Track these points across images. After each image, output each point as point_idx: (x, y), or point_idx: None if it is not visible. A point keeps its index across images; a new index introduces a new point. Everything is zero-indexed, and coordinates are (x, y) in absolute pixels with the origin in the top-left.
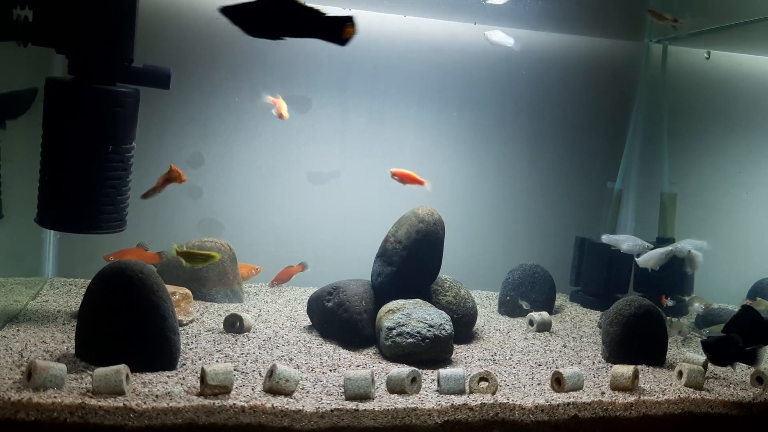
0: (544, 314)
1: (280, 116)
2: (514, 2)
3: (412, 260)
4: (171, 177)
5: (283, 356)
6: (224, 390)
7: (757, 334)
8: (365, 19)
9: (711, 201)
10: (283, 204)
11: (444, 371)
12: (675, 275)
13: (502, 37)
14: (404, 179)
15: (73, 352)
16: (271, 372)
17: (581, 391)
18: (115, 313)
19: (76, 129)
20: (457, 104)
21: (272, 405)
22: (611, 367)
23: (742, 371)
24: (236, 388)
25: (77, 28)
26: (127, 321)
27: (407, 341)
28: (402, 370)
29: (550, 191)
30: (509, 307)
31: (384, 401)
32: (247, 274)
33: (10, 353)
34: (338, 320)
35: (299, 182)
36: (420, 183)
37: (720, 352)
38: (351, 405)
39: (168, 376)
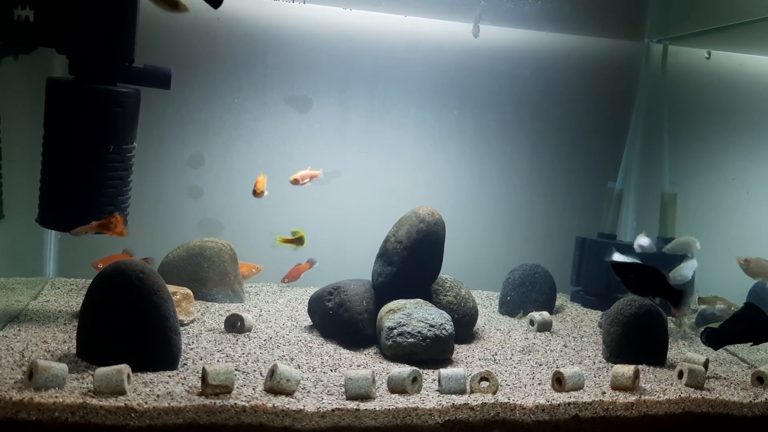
0: (545, 314)
1: (254, 192)
2: (514, 2)
3: (413, 260)
4: (108, 225)
5: (284, 356)
6: (225, 390)
7: (759, 330)
8: (365, 19)
9: (711, 201)
10: (284, 204)
11: (445, 371)
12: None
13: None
14: (299, 181)
15: (75, 351)
16: (272, 372)
17: (582, 390)
18: (116, 313)
19: (77, 129)
20: (457, 104)
21: (273, 405)
22: (612, 366)
23: (742, 371)
24: (237, 387)
25: (78, 28)
26: (128, 321)
27: (408, 341)
28: (403, 369)
29: (551, 191)
30: (510, 307)
31: (385, 401)
32: (248, 273)
33: (11, 353)
34: (339, 320)
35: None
36: (314, 176)
37: (640, 283)
38: (352, 405)
39: (169, 376)
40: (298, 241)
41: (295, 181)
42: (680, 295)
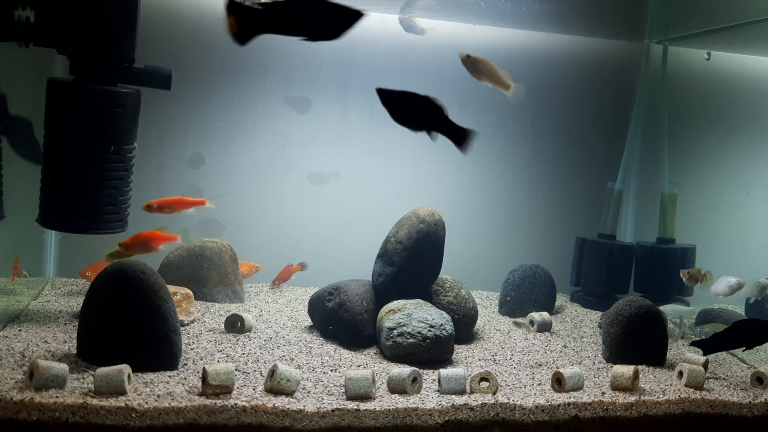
0: (545, 314)
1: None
2: (514, 3)
3: (413, 261)
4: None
5: (284, 356)
6: (226, 390)
7: (751, 335)
8: (366, 19)
9: (711, 201)
10: (284, 204)
11: (445, 371)
12: (674, 276)
13: (414, 25)
14: (170, 206)
15: (75, 352)
16: (273, 372)
17: (582, 391)
18: (116, 313)
19: (78, 129)
20: (457, 104)
21: (273, 405)
22: (611, 367)
23: (742, 371)
24: (237, 388)
25: (78, 28)
26: (128, 321)
27: (408, 341)
28: (403, 370)
29: (551, 191)
30: (510, 308)
31: (385, 401)
32: (248, 272)
33: (11, 353)
34: (339, 320)
35: (300, 182)
36: (199, 204)
37: None
38: (352, 405)
39: (169, 376)
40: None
41: (149, 208)
42: (464, 134)
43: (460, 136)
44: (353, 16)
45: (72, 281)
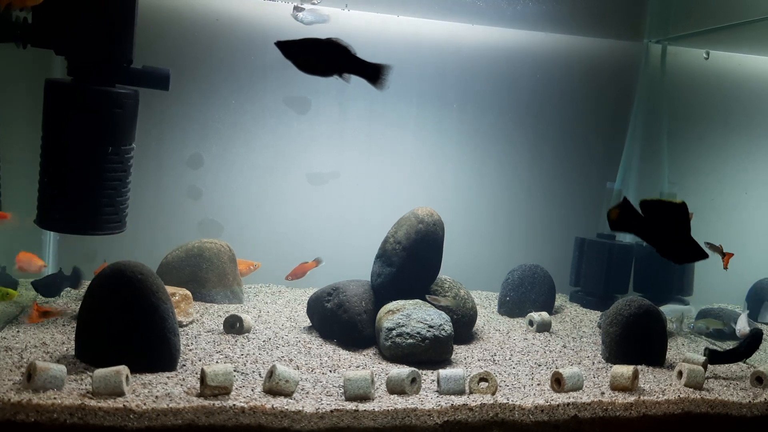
0: (544, 314)
1: None
2: (514, 3)
3: (412, 261)
4: None
5: (282, 357)
6: (224, 391)
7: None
8: (365, 19)
9: (710, 200)
10: (283, 205)
11: (444, 372)
12: (674, 276)
13: (315, 14)
14: None
15: (73, 353)
16: (271, 373)
17: (581, 391)
18: (114, 314)
19: (76, 130)
20: (457, 105)
21: (272, 406)
22: (611, 367)
23: (741, 371)
24: (236, 389)
25: (76, 29)
26: (126, 322)
27: (407, 342)
28: (402, 370)
29: (550, 191)
30: (509, 308)
31: (384, 402)
32: (246, 270)
33: (10, 354)
34: (338, 321)
35: (299, 183)
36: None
37: None
38: (351, 405)
39: (168, 377)
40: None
41: None
42: (378, 69)
43: (373, 73)
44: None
45: None
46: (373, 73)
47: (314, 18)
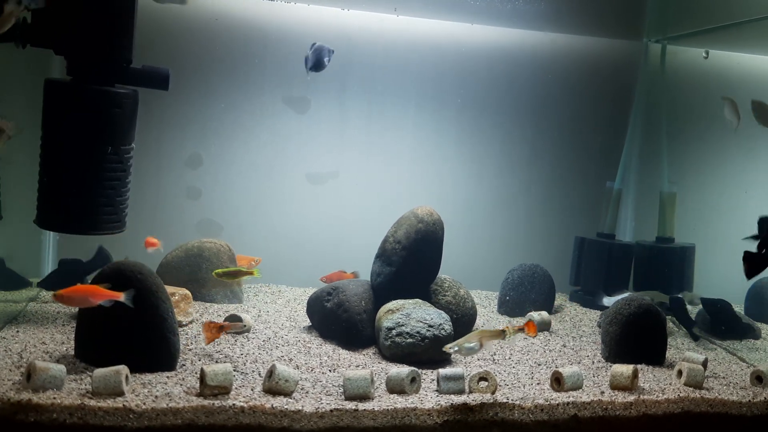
0: (544, 314)
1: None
2: (514, 2)
3: (412, 260)
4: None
5: (282, 356)
6: (224, 390)
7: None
8: (365, 19)
9: (710, 200)
10: (283, 204)
11: (443, 371)
12: (674, 273)
13: None
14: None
15: (73, 353)
16: (271, 372)
17: (581, 390)
18: (114, 313)
19: (75, 130)
20: (456, 104)
21: (272, 405)
22: (611, 366)
23: (741, 370)
24: (236, 388)
25: (76, 29)
26: (126, 322)
27: (407, 341)
28: (401, 370)
29: (550, 191)
30: (509, 307)
31: (383, 401)
32: (247, 266)
33: (9, 354)
34: (338, 320)
35: (298, 183)
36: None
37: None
38: (350, 405)
39: (167, 377)
40: (237, 273)
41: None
42: None
43: None
44: None
45: None
46: None
47: None
